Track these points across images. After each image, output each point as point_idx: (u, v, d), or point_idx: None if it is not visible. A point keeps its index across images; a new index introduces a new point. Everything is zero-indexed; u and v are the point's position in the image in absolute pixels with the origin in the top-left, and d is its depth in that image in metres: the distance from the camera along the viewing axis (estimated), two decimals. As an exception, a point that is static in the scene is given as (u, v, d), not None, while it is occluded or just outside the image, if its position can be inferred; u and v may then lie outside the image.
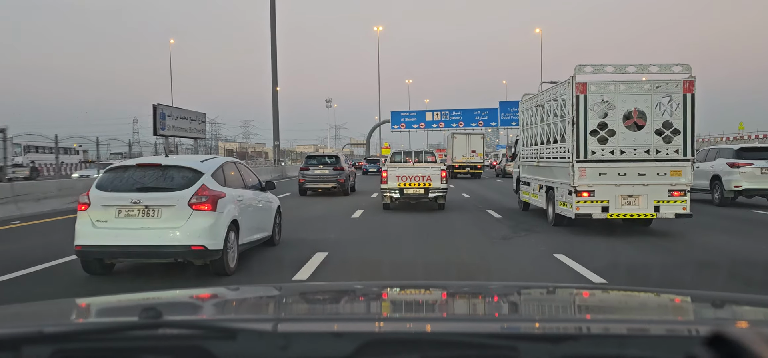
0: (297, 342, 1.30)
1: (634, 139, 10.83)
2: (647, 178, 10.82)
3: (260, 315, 1.86)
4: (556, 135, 12.06)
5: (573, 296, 2.27)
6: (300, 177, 22.69)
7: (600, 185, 10.86)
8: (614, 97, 10.83)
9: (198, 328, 1.36)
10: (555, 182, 12.11)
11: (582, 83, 10.84)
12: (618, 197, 10.85)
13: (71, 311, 1.92)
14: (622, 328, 1.47)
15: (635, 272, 7.87)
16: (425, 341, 1.33)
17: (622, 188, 10.84)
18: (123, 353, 1.27)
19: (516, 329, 1.53)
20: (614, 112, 10.84)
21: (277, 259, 8.50)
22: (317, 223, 13.17)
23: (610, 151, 10.87)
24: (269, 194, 9.46)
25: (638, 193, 10.84)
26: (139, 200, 6.75)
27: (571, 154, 10.97)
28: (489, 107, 58.23)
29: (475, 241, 10.72)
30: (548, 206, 12.74)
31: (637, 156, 10.83)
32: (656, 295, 2.17)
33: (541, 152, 13.26)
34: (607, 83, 10.92)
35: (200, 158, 7.89)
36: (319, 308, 2.02)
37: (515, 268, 8.23)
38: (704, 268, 8.17)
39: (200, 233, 6.69)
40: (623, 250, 9.56)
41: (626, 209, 10.87)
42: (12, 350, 1.21)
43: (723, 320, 1.74)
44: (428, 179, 15.46)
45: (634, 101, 10.80)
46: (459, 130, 43.56)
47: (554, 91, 12.24)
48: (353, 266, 8.05)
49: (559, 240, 10.38)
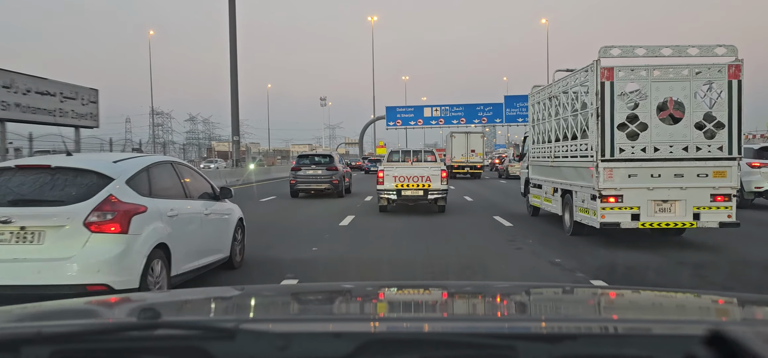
0: (296, 342, 1.28)
1: (669, 135, 9.14)
2: (685, 180, 9.12)
3: (259, 315, 1.84)
4: (575, 130, 10.37)
5: (572, 295, 2.27)
6: (291, 178, 21.11)
7: (629, 188, 9.17)
8: (646, 84, 9.13)
9: (196, 328, 1.33)
10: (573, 185, 10.42)
11: (608, 68, 9.15)
12: (650, 202, 9.16)
13: (70, 312, 1.87)
14: (621, 327, 1.48)
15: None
16: (424, 341, 1.33)
17: (655, 192, 9.15)
18: (122, 353, 1.27)
19: (515, 328, 1.50)
20: (646, 103, 9.15)
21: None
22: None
23: (641, 149, 9.18)
24: (227, 204, 7.46)
25: (675, 198, 9.15)
26: (10, 218, 4.80)
27: (594, 152, 9.28)
28: (493, 102, 53.67)
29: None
30: (564, 213, 11.05)
31: (674, 154, 9.14)
32: (655, 294, 2.21)
33: (556, 150, 11.56)
34: (638, 68, 9.22)
35: (113, 158, 5.79)
36: (318, 308, 2.00)
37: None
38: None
39: (101, 265, 4.81)
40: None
41: (660, 217, 9.18)
42: (11, 350, 1.21)
43: (722, 319, 1.73)
44: (427, 179, 14.28)
45: (670, 89, 9.11)
46: (458, 129, 42.06)
47: (573, 80, 10.53)
48: None
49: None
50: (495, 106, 52.77)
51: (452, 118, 53.05)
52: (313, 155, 22.13)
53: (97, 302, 2.32)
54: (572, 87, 10.53)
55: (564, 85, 11.09)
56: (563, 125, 11.10)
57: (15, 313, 1.86)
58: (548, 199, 12.21)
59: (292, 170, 21.41)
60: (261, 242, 9.34)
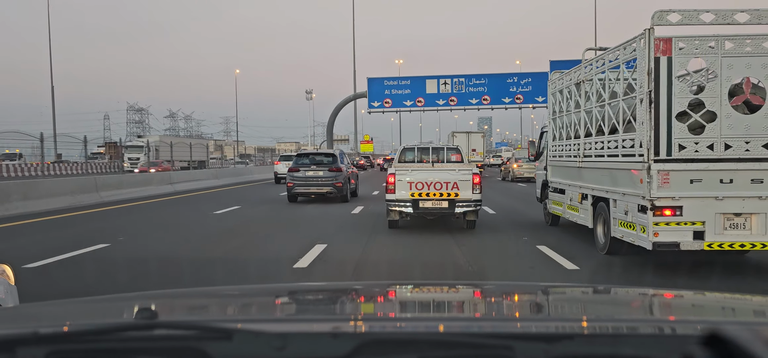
0: (294, 342, 1.27)
1: (745, 127, 6.95)
2: (766, 187, 6.94)
3: (257, 315, 1.81)
4: (615, 121, 8.18)
5: (569, 295, 2.24)
6: (288, 180, 18.49)
7: (692, 197, 6.98)
8: (715, 61, 6.94)
9: (194, 328, 1.31)
10: (610, 192, 8.23)
11: (665, 39, 6.95)
12: (719, 216, 6.96)
13: (67, 312, 1.81)
14: (618, 327, 1.46)
15: None
16: (422, 340, 1.32)
17: (725, 202, 6.95)
18: (118, 353, 1.26)
19: (512, 328, 1.49)
20: (715, 85, 6.97)
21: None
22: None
23: (707, 146, 6.99)
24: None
25: (751, 210, 6.95)
26: None
27: (645, 149, 7.09)
28: (532, 72, 38.43)
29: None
30: (597, 226, 8.85)
31: (751, 153, 6.96)
32: (652, 294, 2.15)
33: (586, 148, 9.36)
34: (705, 40, 7.01)
35: None
36: (316, 308, 1.98)
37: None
38: None
39: None
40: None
41: (732, 236, 6.97)
42: (7, 351, 1.21)
43: (719, 319, 1.69)
44: (454, 186, 10.99)
45: (747, 67, 6.91)
46: (459, 129, 40.09)
47: (612, 56, 8.32)
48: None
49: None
50: (535, 77, 37.43)
51: (470, 95, 38.18)
52: (314, 154, 19.66)
53: (93, 302, 2.18)
54: (611, 66, 8.32)
55: (599, 65, 8.88)
56: (596, 116, 8.90)
57: (10, 313, 1.92)
58: (574, 207, 10.00)
59: (289, 171, 18.71)
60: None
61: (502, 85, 38.03)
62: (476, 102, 37.83)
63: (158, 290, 3.59)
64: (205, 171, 33.15)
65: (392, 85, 39.48)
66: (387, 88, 39.47)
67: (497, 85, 38.00)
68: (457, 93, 38.48)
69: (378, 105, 39.31)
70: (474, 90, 38.02)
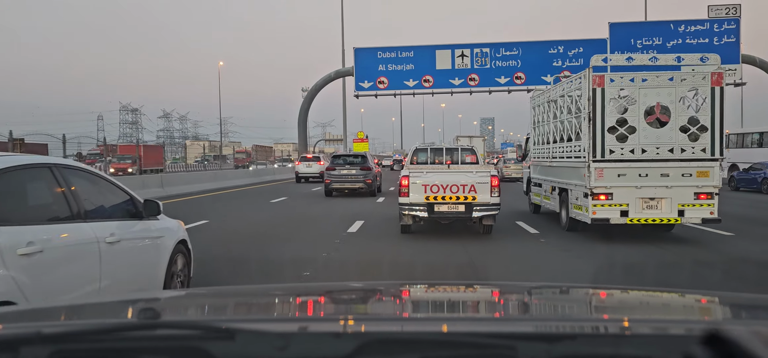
0: (296, 342, 1.29)
1: (656, 137, 9.87)
2: (671, 179, 9.86)
3: (259, 315, 1.82)
4: (570, 133, 11.13)
5: (571, 295, 2.25)
6: (326, 178, 21.87)
7: (619, 186, 9.91)
8: (635, 90, 9.88)
9: (196, 328, 1.34)
10: (569, 184, 11.17)
11: (599, 75, 9.90)
12: (638, 199, 9.90)
13: (70, 312, 1.88)
14: (619, 327, 1.48)
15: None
16: (424, 340, 1.33)
17: (643, 190, 9.89)
18: (121, 353, 1.27)
19: (514, 328, 1.49)
20: (635, 107, 9.89)
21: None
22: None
23: (630, 150, 9.92)
24: (158, 223, 5.29)
25: (661, 196, 9.88)
26: None
27: (587, 153, 10.03)
28: (584, 38, 27.98)
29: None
30: (561, 209, 11.80)
31: (660, 155, 9.88)
32: (653, 294, 2.20)
33: (554, 151, 12.32)
34: (627, 75, 9.97)
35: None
36: (318, 308, 1.98)
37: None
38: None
39: None
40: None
41: (647, 214, 9.91)
42: (11, 350, 1.21)
43: (719, 319, 1.74)
44: (471, 189, 10.40)
45: (657, 95, 9.85)
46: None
47: (568, 85, 11.29)
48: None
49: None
50: (588, 46, 27.50)
51: (498, 72, 27.51)
52: (347, 155, 23.02)
53: (96, 302, 2.33)
54: (568, 92, 11.28)
55: (562, 89, 11.84)
56: (561, 128, 11.85)
57: (14, 313, 1.85)
58: (547, 197, 12.96)
59: (327, 170, 22.15)
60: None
61: (543, 56, 27.71)
62: (506, 81, 27.54)
63: (159, 292, 3.45)
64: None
65: (388, 58, 28.65)
66: (381, 62, 29.07)
67: (535, 56, 27.69)
68: (480, 69, 27.99)
69: (369, 86, 29.17)
70: (503, 65, 27.64)
